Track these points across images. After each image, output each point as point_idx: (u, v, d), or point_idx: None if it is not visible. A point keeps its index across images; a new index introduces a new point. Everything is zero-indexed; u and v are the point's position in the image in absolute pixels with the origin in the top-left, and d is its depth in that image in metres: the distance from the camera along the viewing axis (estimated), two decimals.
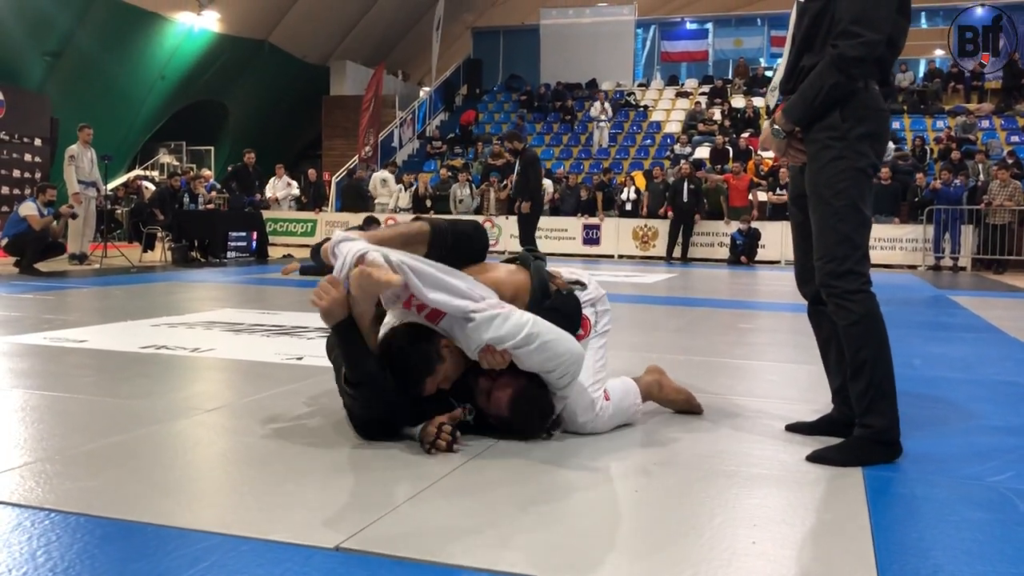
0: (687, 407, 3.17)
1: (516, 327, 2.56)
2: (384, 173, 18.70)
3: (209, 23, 20.40)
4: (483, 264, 2.92)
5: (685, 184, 15.56)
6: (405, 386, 2.61)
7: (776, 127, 2.66)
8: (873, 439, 2.53)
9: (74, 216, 11.17)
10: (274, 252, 14.41)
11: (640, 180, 17.46)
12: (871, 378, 2.53)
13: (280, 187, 17.39)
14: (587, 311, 2.94)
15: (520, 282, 2.85)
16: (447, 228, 2.81)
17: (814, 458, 2.55)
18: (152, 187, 17.82)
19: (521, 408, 2.63)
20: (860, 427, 2.56)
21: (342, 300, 2.52)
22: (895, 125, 19.28)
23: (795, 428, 2.89)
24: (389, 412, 2.65)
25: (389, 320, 2.77)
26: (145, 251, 13.02)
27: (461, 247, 2.84)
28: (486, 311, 2.58)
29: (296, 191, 18.17)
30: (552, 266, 3.03)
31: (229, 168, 17.37)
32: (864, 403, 2.55)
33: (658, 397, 3.14)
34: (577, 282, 2.97)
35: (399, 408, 2.64)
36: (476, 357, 2.62)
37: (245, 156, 14.57)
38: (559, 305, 2.83)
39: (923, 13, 22.45)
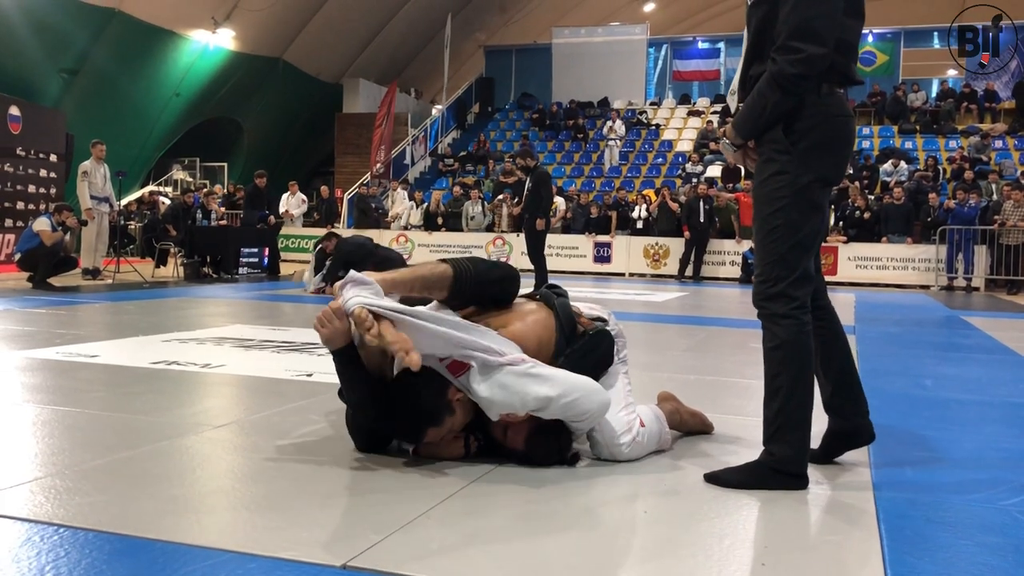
0: (700, 428, 3.16)
1: (533, 395, 2.50)
2: (402, 193, 18.89)
3: (224, 41, 20.58)
4: (504, 310, 2.83)
5: (701, 204, 15.55)
6: (409, 435, 2.61)
7: (726, 141, 2.59)
8: (774, 467, 2.45)
9: (84, 224, 11.25)
10: (286, 268, 14.46)
11: (655, 198, 17.44)
12: (782, 406, 2.44)
13: (294, 204, 17.43)
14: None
15: (544, 330, 2.77)
16: (471, 276, 2.67)
17: (710, 479, 2.50)
18: (169, 202, 17.94)
19: (539, 443, 2.60)
20: (764, 453, 2.49)
21: (344, 331, 2.50)
22: (907, 145, 19.26)
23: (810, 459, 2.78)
24: (381, 425, 2.67)
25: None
26: (158, 267, 13.08)
27: (486, 295, 2.77)
28: (509, 365, 2.54)
29: (304, 208, 18.22)
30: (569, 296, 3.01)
31: (231, 187, 17.44)
32: (771, 429, 2.47)
33: (678, 425, 3.12)
34: (598, 319, 2.93)
35: (384, 421, 2.65)
36: (495, 419, 2.58)
37: (256, 179, 14.65)
38: (590, 348, 2.79)
39: (935, 33, 22.46)
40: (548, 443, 2.60)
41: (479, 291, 2.73)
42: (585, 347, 2.79)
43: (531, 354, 2.65)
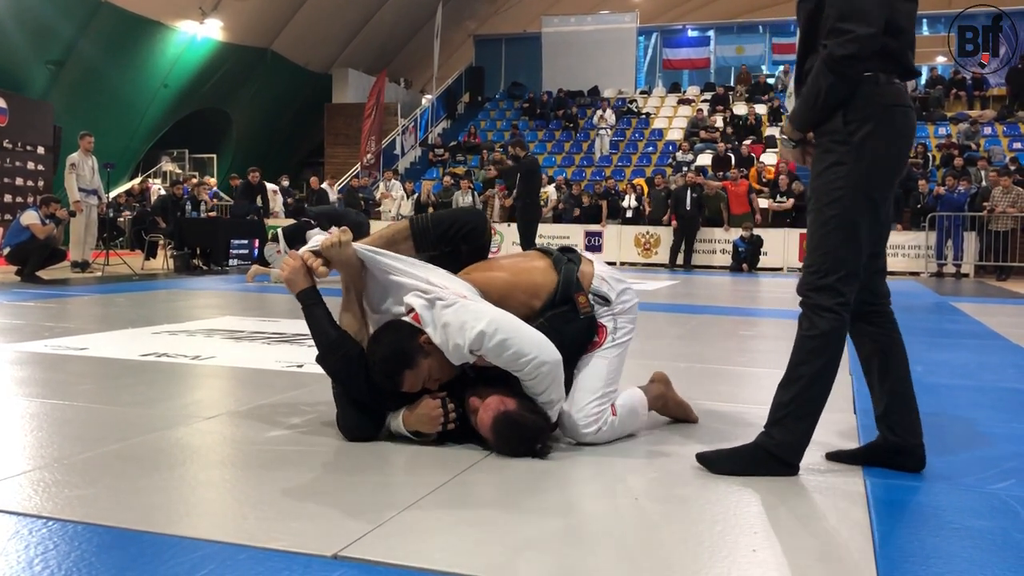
0: (684, 418, 3.14)
1: (469, 329, 2.51)
2: (397, 183, 18.77)
3: (212, 31, 20.45)
4: (496, 262, 2.91)
5: (688, 192, 15.58)
6: (385, 379, 2.61)
7: (784, 136, 2.54)
8: (770, 451, 2.42)
9: (73, 215, 11.20)
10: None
11: (645, 186, 17.45)
12: (798, 394, 2.40)
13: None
14: (606, 320, 2.83)
15: (528, 286, 2.79)
16: (427, 220, 2.88)
17: (702, 459, 2.49)
18: (162, 191, 17.79)
19: (502, 432, 2.56)
20: (763, 434, 2.46)
21: (299, 269, 2.77)
22: None
23: (836, 456, 2.65)
24: (365, 388, 2.67)
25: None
26: (147, 259, 13.03)
27: (449, 235, 2.85)
28: (436, 300, 2.60)
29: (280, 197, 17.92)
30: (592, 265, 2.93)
31: (233, 177, 17.31)
32: (779, 414, 2.43)
33: (661, 410, 3.12)
34: (603, 298, 2.83)
35: (374, 387, 2.66)
36: (457, 363, 2.61)
37: (250, 174, 14.57)
38: (564, 322, 2.75)
39: (924, 20, 22.46)
40: (512, 432, 2.55)
41: (441, 233, 2.85)
42: (566, 314, 2.76)
43: (499, 305, 2.68)
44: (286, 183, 16.21)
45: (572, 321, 2.77)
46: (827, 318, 2.39)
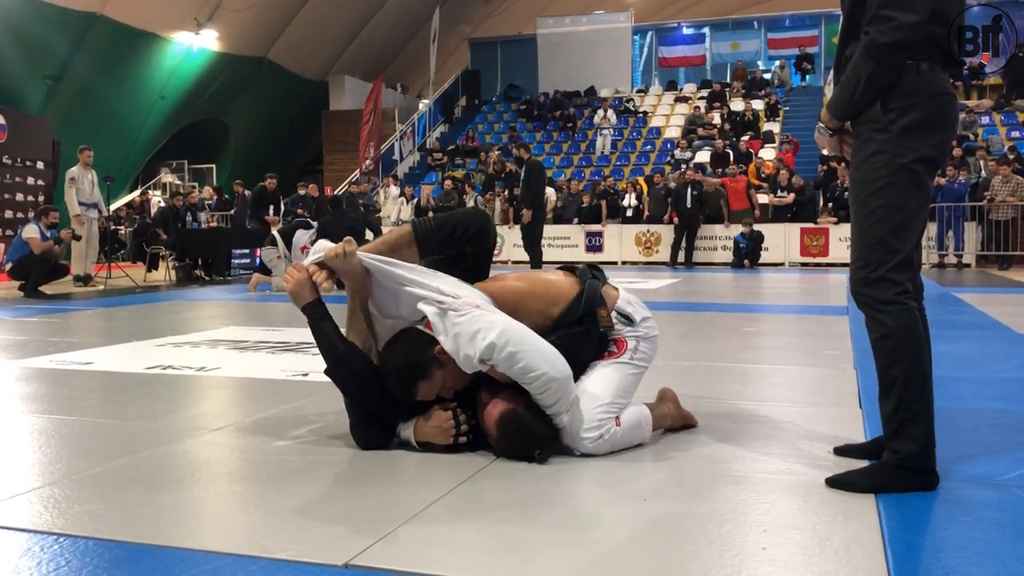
0: (685, 425, 3.09)
1: (480, 340, 2.48)
2: (393, 189, 18.78)
3: (208, 42, 20.48)
4: (514, 274, 2.89)
5: (688, 189, 15.58)
6: (400, 389, 2.61)
7: (821, 125, 2.48)
8: (900, 465, 2.29)
9: (76, 238, 11.21)
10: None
11: (644, 185, 17.45)
12: (900, 399, 2.28)
13: None
14: (629, 338, 2.80)
15: (545, 296, 2.76)
16: (429, 224, 2.82)
17: (833, 482, 2.34)
18: (161, 202, 17.77)
19: (506, 429, 2.56)
20: (888, 451, 2.33)
21: (305, 281, 2.73)
22: None
23: (843, 451, 2.65)
24: (375, 400, 2.67)
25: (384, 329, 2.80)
26: (149, 271, 13.04)
27: (453, 239, 2.78)
28: (448, 308, 2.57)
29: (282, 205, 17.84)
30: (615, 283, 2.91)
31: (237, 183, 17.31)
32: (892, 426, 2.30)
33: (668, 428, 3.07)
34: (627, 316, 2.81)
35: (385, 398, 2.65)
36: (469, 371, 2.58)
37: (267, 181, 14.61)
38: (582, 338, 2.73)
39: None
40: (516, 431, 2.55)
41: (445, 237, 2.78)
42: (578, 336, 2.73)
43: (512, 315, 2.65)
44: (302, 192, 16.24)
45: (585, 342, 2.74)
46: (890, 312, 2.29)
